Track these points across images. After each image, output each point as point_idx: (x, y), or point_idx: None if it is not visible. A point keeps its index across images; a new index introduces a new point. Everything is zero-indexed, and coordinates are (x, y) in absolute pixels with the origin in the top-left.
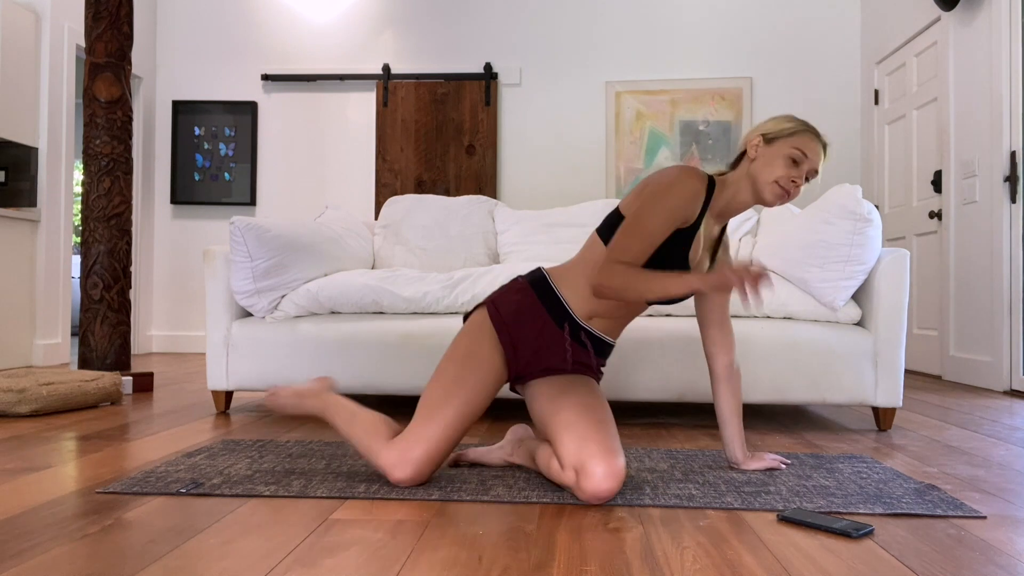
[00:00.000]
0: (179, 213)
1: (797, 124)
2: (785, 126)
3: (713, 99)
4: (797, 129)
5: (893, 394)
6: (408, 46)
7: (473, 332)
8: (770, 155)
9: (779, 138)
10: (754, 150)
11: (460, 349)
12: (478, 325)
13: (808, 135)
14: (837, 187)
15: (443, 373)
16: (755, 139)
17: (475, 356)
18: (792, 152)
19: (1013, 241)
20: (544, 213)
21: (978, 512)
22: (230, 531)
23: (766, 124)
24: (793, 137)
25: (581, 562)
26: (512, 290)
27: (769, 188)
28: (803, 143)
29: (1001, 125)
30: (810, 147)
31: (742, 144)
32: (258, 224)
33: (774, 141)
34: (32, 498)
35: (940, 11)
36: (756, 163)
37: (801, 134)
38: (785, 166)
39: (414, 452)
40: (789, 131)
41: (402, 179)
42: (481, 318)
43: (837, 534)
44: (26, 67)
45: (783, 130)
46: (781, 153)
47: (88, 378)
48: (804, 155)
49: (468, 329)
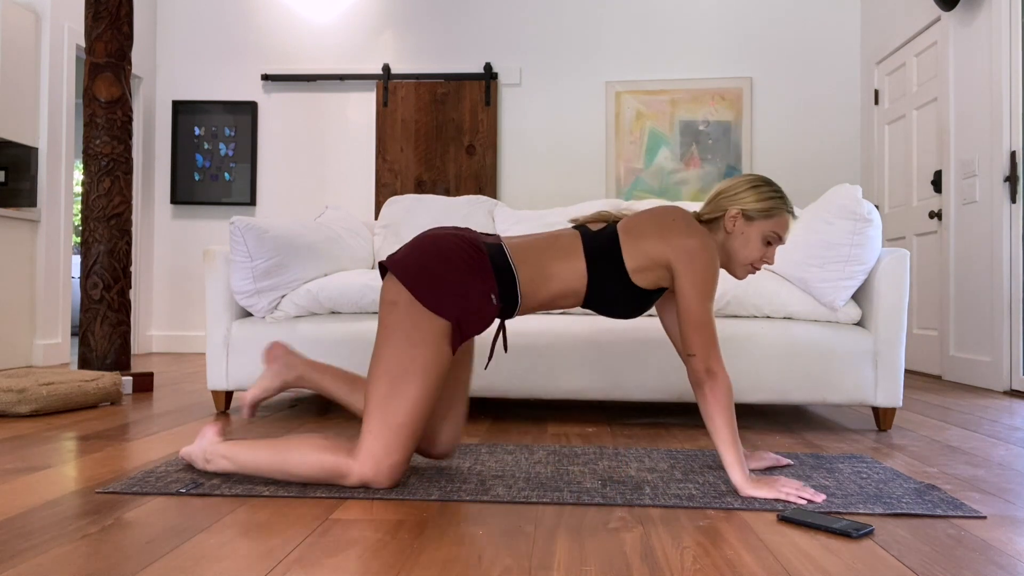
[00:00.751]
0: (179, 213)
1: (775, 203)
2: (765, 205)
3: (713, 99)
4: (776, 210)
5: (893, 394)
6: (408, 46)
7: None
8: (748, 234)
9: (758, 219)
10: (731, 223)
11: (403, 335)
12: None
13: (785, 216)
14: (837, 187)
15: (389, 360)
16: (734, 211)
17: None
18: (770, 235)
19: (1013, 241)
20: (544, 213)
21: (978, 512)
22: (230, 531)
23: (746, 197)
24: (771, 220)
25: (581, 562)
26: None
27: (743, 269)
28: (780, 225)
29: (1001, 125)
30: (785, 226)
31: (715, 206)
32: (258, 224)
33: (753, 221)
34: (32, 498)
35: (940, 11)
36: (733, 239)
37: (779, 215)
38: (761, 247)
39: (392, 459)
40: (768, 212)
41: (402, 179)
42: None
43: (837, 534)
44: (26, 67)
45: (762, 211)
46: (758, 234)
47: (88, 378)
48: (780, 238)
49: (404, 306)
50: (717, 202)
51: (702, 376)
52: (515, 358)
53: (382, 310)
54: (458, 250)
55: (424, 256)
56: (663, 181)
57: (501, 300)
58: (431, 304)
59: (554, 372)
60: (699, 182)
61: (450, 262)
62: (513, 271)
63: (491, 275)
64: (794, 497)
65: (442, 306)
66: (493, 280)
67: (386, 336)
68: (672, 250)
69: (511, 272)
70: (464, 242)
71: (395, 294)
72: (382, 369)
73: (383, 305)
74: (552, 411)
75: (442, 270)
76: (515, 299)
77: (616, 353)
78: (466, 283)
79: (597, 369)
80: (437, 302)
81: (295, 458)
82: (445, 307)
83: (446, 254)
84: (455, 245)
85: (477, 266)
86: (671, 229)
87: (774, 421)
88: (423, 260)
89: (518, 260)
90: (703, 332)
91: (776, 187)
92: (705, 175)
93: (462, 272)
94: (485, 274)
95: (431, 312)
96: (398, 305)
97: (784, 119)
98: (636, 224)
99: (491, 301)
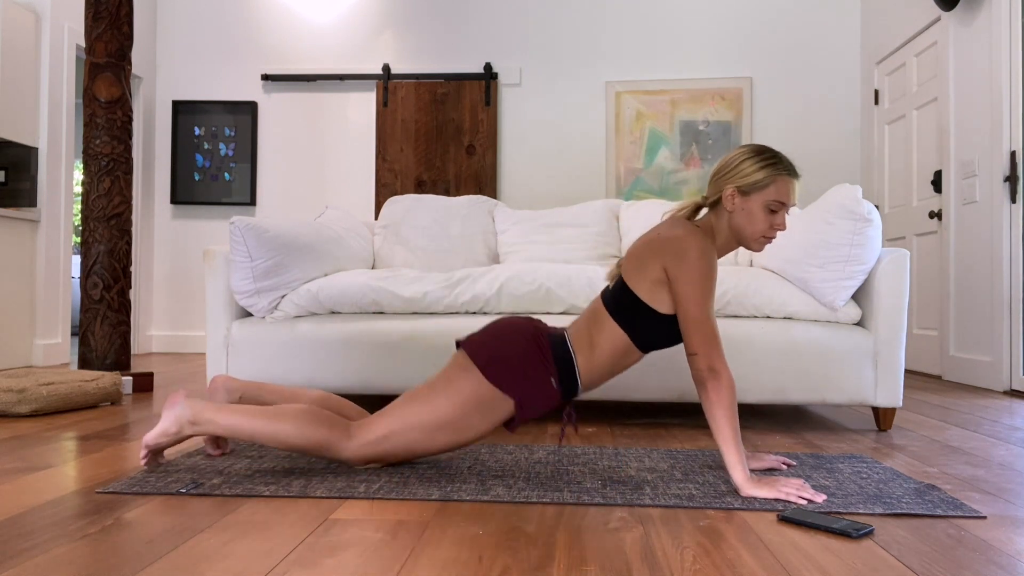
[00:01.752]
0: (179, 213)
1: (768, 171)
2: (758, 177)
3: (713, 99)
4: (770, 178)
5: (893, 394)
6: (408, 46)
7: (481, 393)
8: (748, 208)
9: (754, 191)
10: (730, 202)
11: (462, 403)
12: (482, 387)
13: (781, 179)
14: (837, 187)
15: (438, 409)
16: (730, 190)
17: (476, 418)
18: (770, 203)
19: (1013, 241)
20: (544, 213)
21: (978, 512)
22: (230, 531)
23: (739, 172)
24: (768, 189)
25: (581, 562)
26: (521, 345)
27: (757, 242)
28: (779, 192)
29: (1001, 125)
30: (785, 190)
31: (714, 188)
32: (258, 224)
33: (749, 194)
34: (32, 498)
35: (940, 11)
36: (735, 216)
37: (775, 182)
38: (766, 217)
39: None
40: (763, 183)
41: (402, 179)
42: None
43: (837, 534)
44: (26, 67)
45: (757, 183)
46: (760, 206)
47: (88, 378)
48: (781, 203)
49: (475, 386)
50: (716, 183)
51: (704, 375)
52: None
53: (452, 370)
54: (526, 340)
55: (498, 340)
56: (663, 181)
57: (562, 385)
58: (498, 382)
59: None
60: (699, 182)
61: (517, 346)
62: (573, 359)
63: (552, 363)
64: (794, 497)
65: (507, 385)
66: (554, 367)
67: (446, 390)
68: (660, 256)
69: (571, 360)
70: (533, 333)
71: (468, 365)
72: (426, 410)
73: (454, 367)
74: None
75: (511, 353)
76: (575, 384)
77: None
78: (530, 368)
79: None
80: (503, 381)
81: (288, 429)
82: (510, 386)
83: (517, 340)
84: (525, 335)
85: (542, 355)
86: (654, 239)
87: (774, 421)
88: (496, 344)
89: (576, 348)
90: (702, 329)
91: (770, 153)
92: (705, 175)
93: (528, 358)
94: (547, 362)
95: (497, 389)
96: (470, 373)
97: (784, 119)
98: (630, 257)
99: (552, 385)
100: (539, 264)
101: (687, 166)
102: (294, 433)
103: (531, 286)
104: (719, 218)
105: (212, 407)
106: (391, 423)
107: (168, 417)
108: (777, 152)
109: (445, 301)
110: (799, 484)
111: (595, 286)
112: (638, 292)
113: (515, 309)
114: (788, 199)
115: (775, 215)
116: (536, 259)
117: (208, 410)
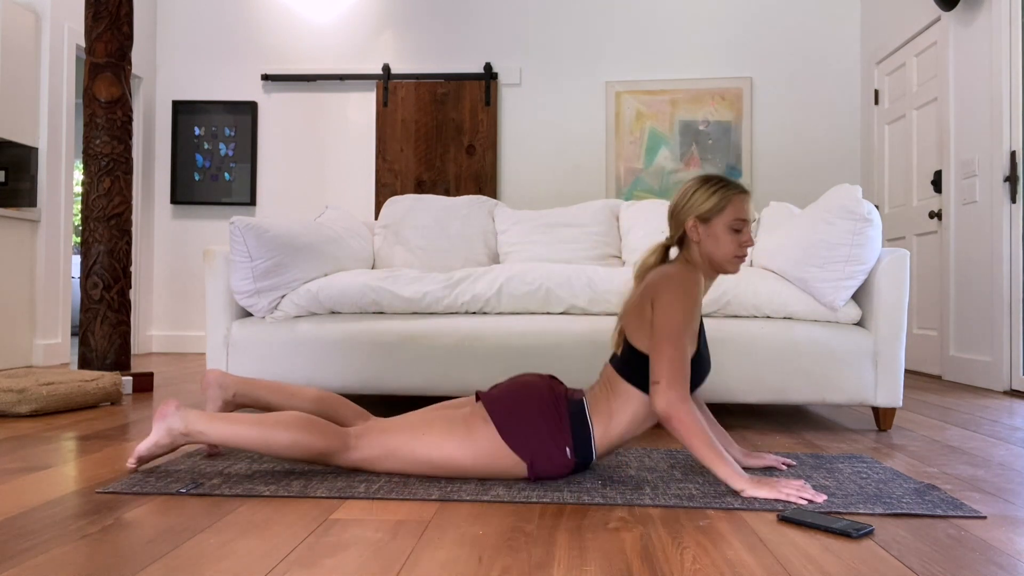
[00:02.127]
0: (179, 213)
1: (721, 194)
2: (713, 202)
3: (713, 99)
4: (724, 200)
5: (893, 394)
6: (408, 46)
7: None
8: (713, 233)
9: (713, 216)
10: (695, 232)
11: (475, 455)
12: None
13: (736, 198)
14: (837, 187)
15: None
16: (691, 222)
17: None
18: (731, 223)
19: (1013, 241)
20: (544, 213)
21: (978, 512)
22: (230, 531)
23: (694, 202)
24: (726, 211)
25: (581, 562)
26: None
27: (731, 263)
28: (736, 210)
29: (1001, 125)
30: (741, 207)
31: (675, 225)
32: (258, 224)
33: (710, 220)
34: (32, 498)
35: (940, 11)
36: (704, 245)
37: (731, 203)
38: (732, 238)
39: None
40: (719, 206)
41: (402, 179)
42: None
43: (837, 534)
44: (26, 67)
45: (713, 207)
46: (722, 229)
47: (88, 378)
48: (742, 220)
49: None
50: (676, 220)
51: (666, 412)
52: (516, 358)
53: (473, 419)
54: (545, 403)
55: (515, 400)
56: (663, 181)
57: (577, 454)
58: (513, 444)
59: (554, 371)
60: None
61: (534, 408)
62: (590, 429)
63: (568, 433)
64: (795, 497)
65: (521, 448)
66: (569, 435)
67: (464, 438)
68: (649, 299)
69: (588, 430)
70: (552, 397)
71: (488, 418)
72: (437, 449)
73: (475, 417)
74: None
75: (527, 416)
76: (590, 454)
77: None
78: (546, 435)
79: (597, 369)
80: (518, 442)
81: (282, 440)
82: (523, 449)
83: (534, 403)
84: (544, 398)
85: (559, 422)
86: (643, 291)
87: (774, 421)
88: (513, 403)
89: (595, 417)
90: (669, 354)
91: (716, 179)
92: None
93: (545, 423)
94: (564, 432)
95: (510, 449)
96: (488, 427)
97: (784, 119)
98: (627, 317)
99: (566, 454)
100: (539, 264)
101: (687, 166)
102: (288, 444)
103: (531, 286)
104: (690, 251)
105: (204, 418)
106: (398, 445)
107: (160, 428)
108: (722, 176)
109: (445, 301)
110: (799, 485)
111: (595, 286)
112: (642, 348)
113: (515, 309)
114: (746, 214)
115: (739, 233)
116: (536, 259)
117: (200, 421)
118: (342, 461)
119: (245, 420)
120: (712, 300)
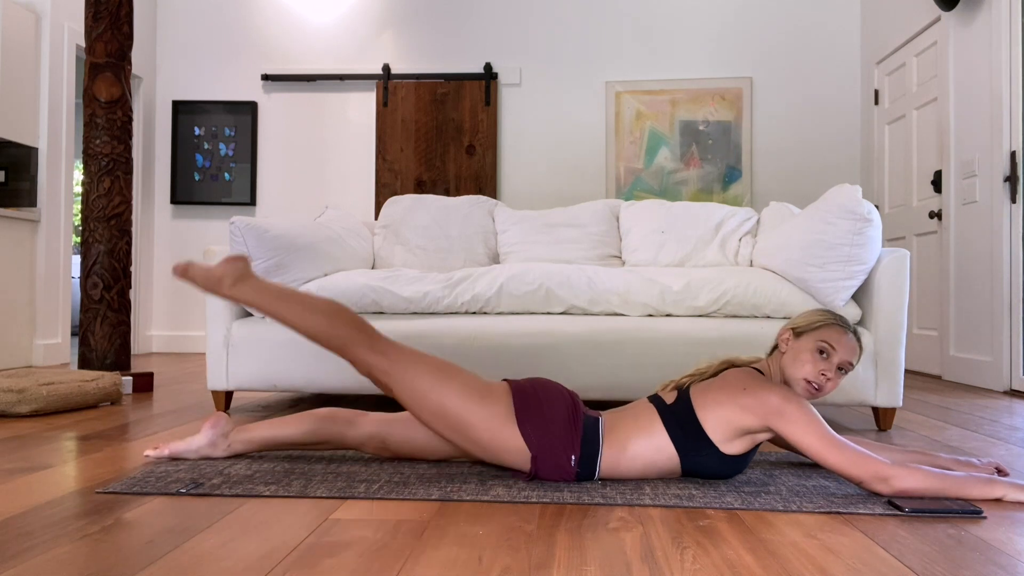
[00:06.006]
0: (179, 213)
1: (825, 317)
2: (813, 319)
3: (713, 99)
4: (824, 322)
5: (893, 394)
6: (408, 46)
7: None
8: (798, 349)
9: (806, 332)
10: (784, 344)
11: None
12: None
13: (835, 328)
14: (837, 187)
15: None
16: (786, 333)
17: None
18: (819, 344)
19: (1013, 241)
20: (544, 213)
21: (978, 512)
22: (230, 531)
23: (796, 319)
24: (819, 331)
25: (581, 562)
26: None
27: (798, 384)
28: (829, 335)
29: (1001, 125)
30: (837, 338)
31: (776, 337)
32: (258, 224)
33: (802, 335)
34: (32, 498)
35: (940, 11)
36: (786, 357)
37: (828, 327)
38: (812, 360)
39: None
40: (816, 324)
41: (402, 179)
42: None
43: (969, 516)
44: (26, 67)
45: (810, 323)
46: (808, 347)
47: (88, 378)
48: (831, 347)
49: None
50: (780, 331)
51: (883, 489)
52: (516, 358)
53: (494, 387)
54: (566, 406)
55: (538, 394)
56: (663, 181)
57: (580, 465)
58: (523, 429)
59: (554, 372)
60: (699, 182)
61: (555, 407)
62: (599, 449)
63: (579, 441)
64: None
65: (530, 434)
66: (579, 447)
67: (482, 401)
68: (760, 418)
69: (597, 449)
70: (572, 404)
71: (507, 398)
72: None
73: (495, 389)
74: None
75: (547, 411)
76: (593, 473)
77: (616, 353)
78: (556, 435)
79: (597, 369)
80: (528, 429)
81: (319, 320)
82: (531, 437)
83: (556, 402)
84: (566, 402)
85: (573, 431)
86: (743, 397)
87: None
88: (535, 395)
89: (607, 441)
90: (847, 459)
91: (828, 311)
92: (705, 175)
93: (560, 423)
94: (575, 438)
95: (520, 435)
96: (507, 404)
97: (784, 119)
98: (709, 394)
99: (571, 461)
100: (539, 264)
101: (687, 166)
102: (324, 324)
103: (531, 286)
104: (771, 359)
105: (254, 288)
106: (419, 373)
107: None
108: (835, 312)
109: (445, 301)
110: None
111: (595, 286)
112: (708, 427)
113: (515, 309)
114: (840, 347)
115: (823, 360)
116: (536, 259)
117: (249, 292)
118: (360, 356)
119: (289, 296)
120: (712, 300)
